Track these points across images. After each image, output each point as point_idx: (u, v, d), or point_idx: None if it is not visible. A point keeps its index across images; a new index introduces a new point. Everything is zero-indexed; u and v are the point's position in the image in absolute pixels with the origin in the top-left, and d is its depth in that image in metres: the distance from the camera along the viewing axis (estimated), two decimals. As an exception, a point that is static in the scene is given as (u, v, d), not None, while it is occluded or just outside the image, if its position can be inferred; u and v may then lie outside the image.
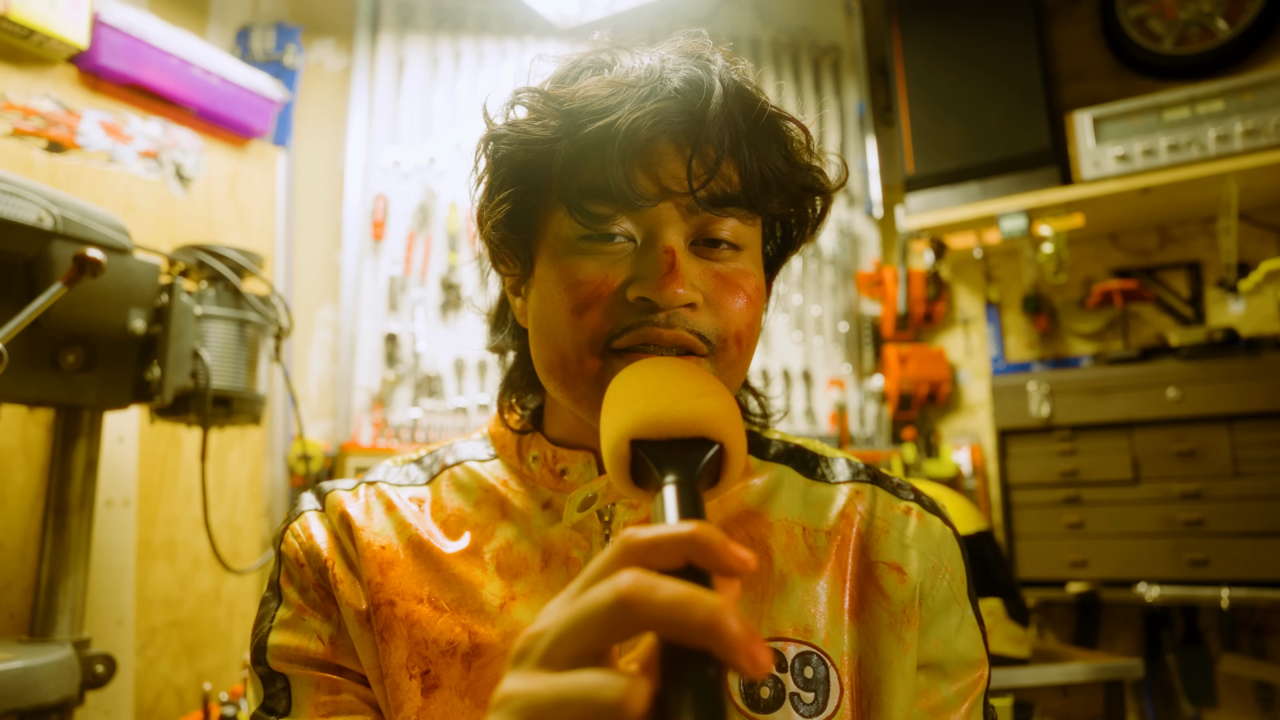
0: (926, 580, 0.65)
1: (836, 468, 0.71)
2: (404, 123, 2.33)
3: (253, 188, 2.08)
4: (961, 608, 0.66)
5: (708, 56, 0.62)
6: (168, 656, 1.78)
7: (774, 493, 0.68)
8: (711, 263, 0.60)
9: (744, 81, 0.61)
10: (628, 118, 0.56)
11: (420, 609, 0.63)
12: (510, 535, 0.66)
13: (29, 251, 1.18)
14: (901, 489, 0.70)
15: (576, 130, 0.58)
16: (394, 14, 2.37)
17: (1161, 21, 2.23)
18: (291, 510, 0.71)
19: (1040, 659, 1.73)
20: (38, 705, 1.15)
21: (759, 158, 0.59)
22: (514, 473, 0.70)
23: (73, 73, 1.72)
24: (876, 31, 2.60)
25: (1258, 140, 1.91)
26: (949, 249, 2.38)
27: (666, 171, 0.58)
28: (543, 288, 0.62)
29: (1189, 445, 1.95)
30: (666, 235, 0.59)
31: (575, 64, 0.64)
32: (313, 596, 0.65)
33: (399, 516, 0.68)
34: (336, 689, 0.63)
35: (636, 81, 0.59)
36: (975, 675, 0.65)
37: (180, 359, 1.36)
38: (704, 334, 0.59)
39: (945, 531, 0.68)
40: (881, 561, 0.65)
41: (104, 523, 1.65)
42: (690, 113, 0.57)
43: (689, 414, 0.47)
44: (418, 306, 2.24)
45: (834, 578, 0.64)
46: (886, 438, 2.42)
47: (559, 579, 0.64)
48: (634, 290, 0.58)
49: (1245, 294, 2.13)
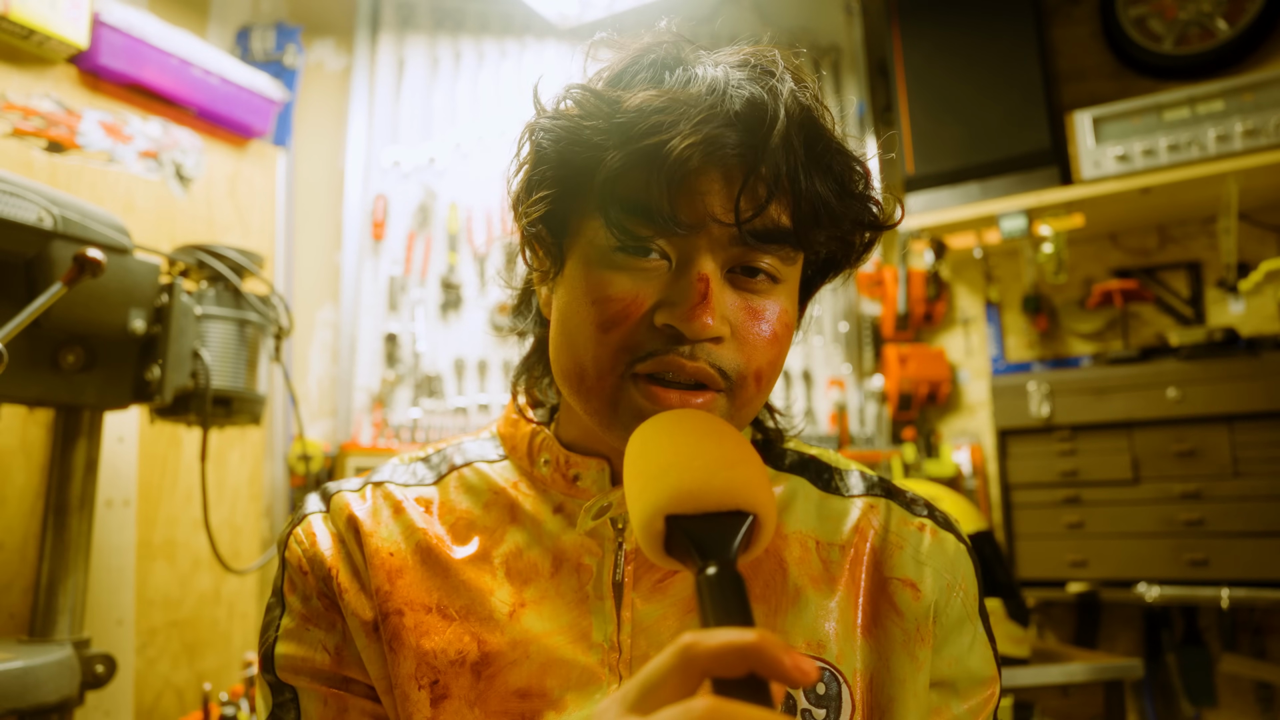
0: (941, 598, 0.64)
1: (851, 480, 0.70)
2: (404, 123, 2.33)
3: (253, 188, 2.08)
4: (974, 625, 0.66)
5: (777, 74, 0.58)
6: (168, 656, 1.78)
7: (789, 505, 0.67)
8: (746, 294, 0.58)
9: (811, 106, 0.58)
10: (681, 142, 0.54)
11: (429, 618, 0.62)
12: (520, 540, 0.65)
13: (29, 251, 1.18)
14: (915, 504, 0.69)
15: (626, 143, 0.55)
16: (394, 14, 2.37)
17: (1161, 21, 2.23)
18: (296, 512, 0.69)
19: (1040, 659, 1.73)
20: (38, 705, 1.15)
21: (812, 193, 0.57)
22: (524, 475, 0.68)
23: (73, 73, 1.72)
24: (876, 31, 2.60)
25: (1258, 140, 1.91)
26: (949, 249, 2.38)
27: (713, 201, 0.55)
28: (571, 293, 0.60)
29: (1189, 445, 1.95)
30: (702, 262, 0.56)
31: (636, 59, 0.61)
32: (316, 605, 0.64)
33: (407, 519, 0.66)
34: (344, 707, 0.62)
35: (696, 99, 0.55)
36: (987, 693, 0.65)
37: (180, 359, 1.36)
38: (725, 369, 0.57)
39: (959, 549, 0.67)
40: (895, 578, 0.64)
41: (104, 523, 1.65)
42: (748, 143, 0.55)
43: (725, 487, 0.46)
44: (418, 306, 2.24)
45: (847, 593, 0.63)
46: (886, 438, 2.42)
47: (570, 585, 0.63)
48: (662, 316, 0.56)
49: (1245, 294, 2.13)
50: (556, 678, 0.60)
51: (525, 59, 2.42)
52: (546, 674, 0.59)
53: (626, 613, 0.61)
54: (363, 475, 0.72)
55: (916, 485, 1.87)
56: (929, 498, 0.72)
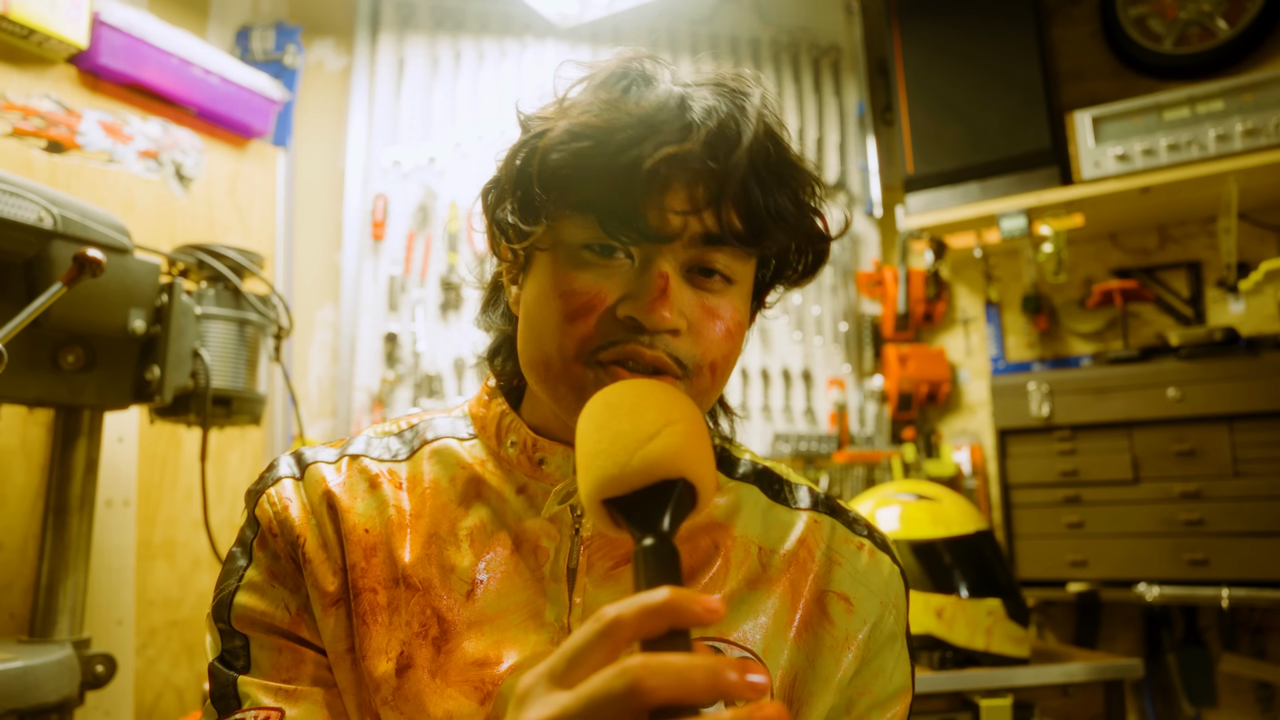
0: (873, 615, 0.69)
1: (799, 494, 0.75)
2: (404, 123, 2.33)
3: (253, 188, 2.08)
4: (901, 643, 0.71)
5: (744, 93, 0.63)
6: (168, 656, 1.78)
7: (737, 510, 0.72)
8: (703, 293, 0.63)
9: (775, 125, 0.64)
10: (650, 154, 0.58)
11: (397, 592, 0.65)
12: (484, 517, 0.68)
13: (29, 251, 1.18)
14: (857, 524, 0.74)
15: (601, 156, 0.60)
16: (394, 14, 2.37)
17: (1161, 21, 2.23)
18: (268, 471, 0.71)
19: (1040, 659, 1.73)
20: (38, 705, 1.15)
21: (770, 203, 0.62)
22: (492, 455, 0.71)
23: (73, 73, 1.72)
24: (876, 31, 2.60)
25: (1258, 140, 1.90)
26: (949, 249, 2.38)
27: (681, 210, 0.60)
28: (539, 287, 0.65)
29: (1189, 445, 1.95)
30: (662, 261, 0.61)
31: (612, 74, 0.65)
32: (284, 566, 0.67)
33: (380, 495, 0.69)
34: (300, 658, 0.65)
35: (667, 119, 0.60)
36: (903, 703, 0.70)
37: (180, 359, 1.36)
38: (681, 359, 0.62)
39: (894, 570, 0.73)
40: (832, 590, 0.69)
41: (104, 523, 1.65)
42: (714, 157, 0.60)
43: (643, 465, 0.49)
44: (418, 306, 2.24)
45: (785, 599, 0.68)
46: (886, 438, 2.42)
47: (528, 565, 0.66)
48: (625, 309, 0.60)
49: (1245, 294, 2.12)
50: (510, 651, 0.64)
51: (525, 59, 2.42)
52: (502, 646, 0.63)
53: (578, 597, 0.66)
54: (336, 445, 0.74)
55: (916, 485, 1.87)
56: (928, 496, 0.74)
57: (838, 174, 2.54)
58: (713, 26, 2.52)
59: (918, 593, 1.66)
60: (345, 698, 0.65)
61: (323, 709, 0.63)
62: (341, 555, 0.67)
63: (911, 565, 1.69)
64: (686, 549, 0.68)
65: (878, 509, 1.80)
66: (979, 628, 1.64)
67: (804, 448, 2.33)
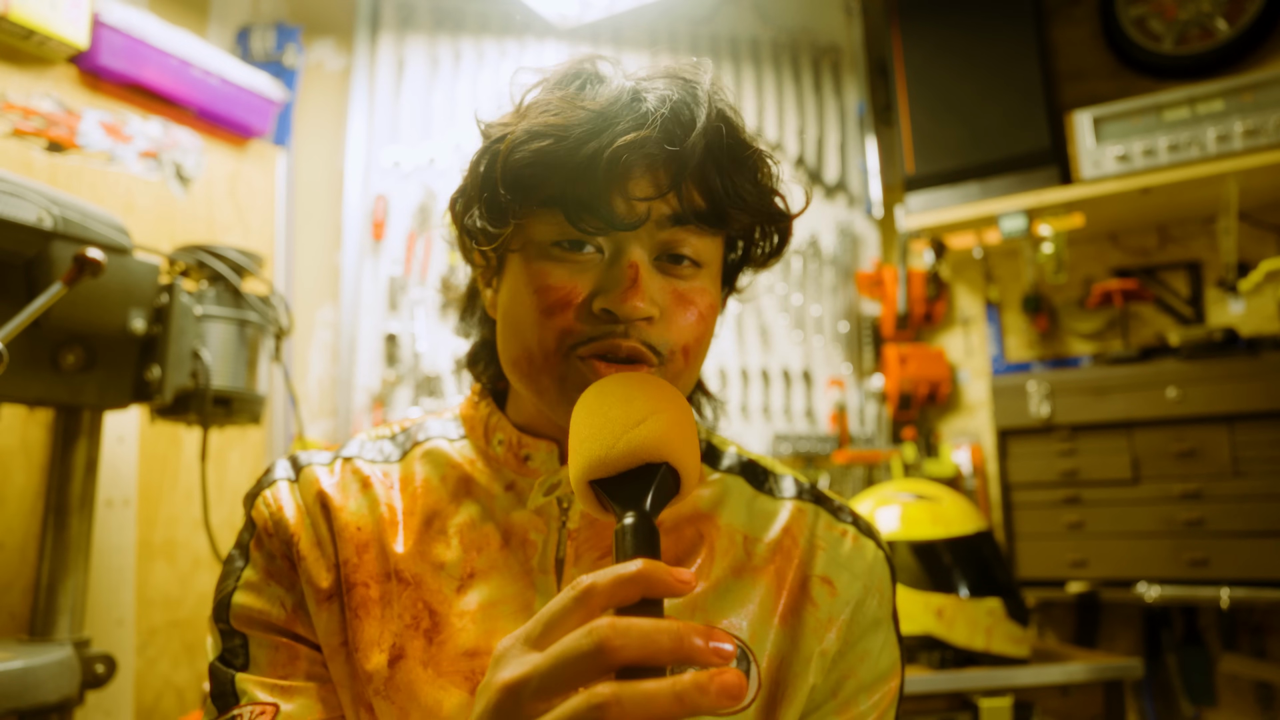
0: (855, 596, 0.70)
1: (784, 484, 0.76)
2: (404, 123, 2.33)
3: (253, 188, 2.08)
4: (887, 627, 0.72)
5: (696, 82, 0.65)
6: (168, 656, 1.78)
7: (722, 500, 0.73)
8: (673, 279, 0.65)
9: (726, 108, 0.65)
10: (610, 144, 0.60)
11: (389, 586, 0.67)
12: (474, 513, 0.70)
13: (29, 251, 1.18)
14: (841, 512, 0.75)
15: (560, 150, 0.61)
16: (394, 14, 2.37)
17: (1161, 21, 2.23)
18: (264, 475, 0.74)
19: (1040, 659, 1.73)
20: (38, 705, 1.15)
21: (728, 183, 0.64)
22: (481, 454, 0.73)
23: (73, 73, 1.72)
24: (876, 31, 2.60)
25: (1258, 140, 1.90)
26: (949, 249, 2.38)
27: (641, 197, 0.62)
28: (513, 287, 0.66)
29: (1189, 445, 1.95)
30: (632, 251, 0.63)
31: (565, 75, 0.67)
32: (279, 565, 0.69)
33: (373, 494, 0.71)
34: (295, 655, 0.67)
35: (622, 110, 0.62)
36: (889, 686, 0.70)
37: (180, 359, 1.36)
38: (655, 345, 0.63)
39: (878, 555, 0.73)
40: (816, 575, 0.70)
41: (104, 523, 1.65)
42: (671, 143, 0.61)
43: (628, 449, 0.51)
44: (418, 306, 2.24)
45: (770, 586, 0.69)
46: (886, 437, 2.42)
47: (517, 559, 0.68)
48: (599, 302, 0.62)
49: (1245, 294, 2.13)
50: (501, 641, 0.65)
51: (525, 59, 2.42)
52: (493, 637, 0.65)
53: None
54: (332, 449, 0.76)
55: (916, 485, 1.87)
56: (928, 496, 0.75)
57: (838, 174, 2.54)
58: (713, 27, 2.52)
59: (918, 592, 1.67)
60: (340, 691, 0.66)
61: (317, 703, 0.65)
62: (334, 552, 0.68)
63: (911, 565, 1.69)
64: (671, 539, 0.70)
65: (878, 509, 1.80)
66: (979, 627, 1.64)
67: (804, 448, 2.33)
